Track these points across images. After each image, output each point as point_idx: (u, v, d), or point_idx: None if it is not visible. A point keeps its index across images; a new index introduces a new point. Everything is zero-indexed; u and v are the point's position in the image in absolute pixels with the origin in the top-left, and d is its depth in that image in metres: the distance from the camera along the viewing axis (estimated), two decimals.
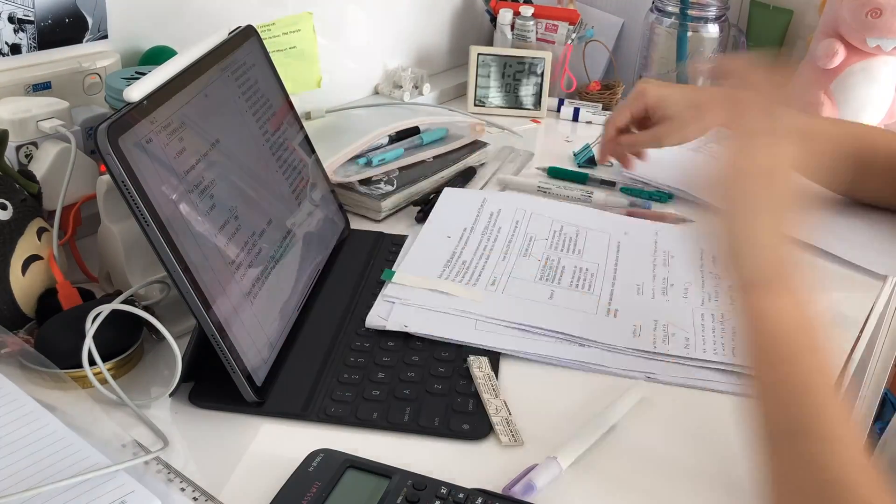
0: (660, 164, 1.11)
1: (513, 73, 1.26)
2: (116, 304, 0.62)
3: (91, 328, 0.60)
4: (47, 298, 0.68)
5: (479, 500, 0.52)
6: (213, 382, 0.63)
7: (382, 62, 1.27)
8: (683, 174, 1.07)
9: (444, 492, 0.53)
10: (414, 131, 1.04)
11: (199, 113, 0.65)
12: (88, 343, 0.60)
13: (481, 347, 0.70)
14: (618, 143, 0.97)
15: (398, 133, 1.02)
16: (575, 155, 1.12)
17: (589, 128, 1.25)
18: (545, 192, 1.01)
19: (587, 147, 1.13)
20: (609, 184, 1.05)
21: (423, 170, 0.99)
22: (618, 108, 0.98)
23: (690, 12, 1.20)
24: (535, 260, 0.83)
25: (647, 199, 1.00)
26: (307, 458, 0.56)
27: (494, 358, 0.69)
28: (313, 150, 0.85)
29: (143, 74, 0.63)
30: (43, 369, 0.62)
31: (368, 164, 0.95)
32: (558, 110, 1.28)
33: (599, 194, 0.99)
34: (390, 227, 0.91)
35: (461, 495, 0.53)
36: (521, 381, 0.68)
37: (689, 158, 1.15)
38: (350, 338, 0.71)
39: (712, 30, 1.21)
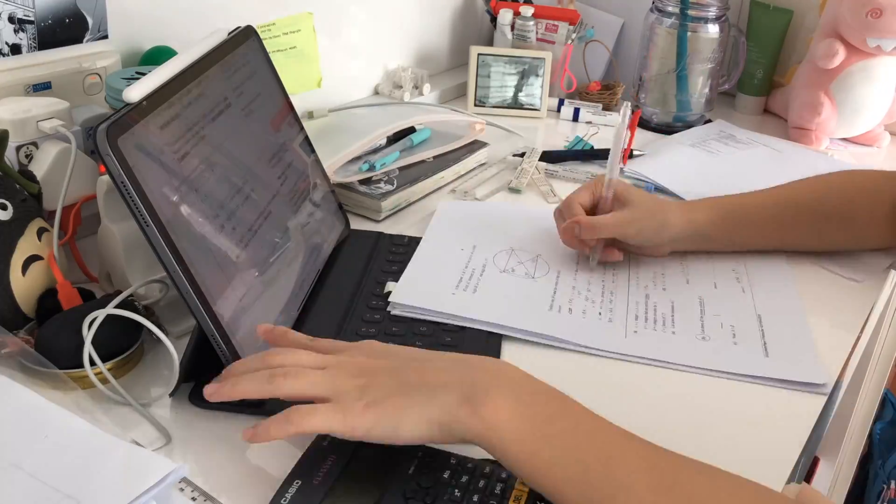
0: (660, 164, 1.11)
1: (513, 73, 1.26)
2: (111, 309, 0.62)
3: (88, 334, 0.61)
4: (47, 299, 0.68)
5: (487, 468, 0.55)
6: None
7: (382, 62, 1.27)
8: (683, 176, 1.07)
9: (454, 462, 0.55)
10: (414, 131, 1.04)
11: (198, 113, 0.65)
12: (88, 349, 0.60)
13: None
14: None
15: (397, 134, 1.02)
16: (566, 148, 1.16)
17: (589, 128, 1.25)
18: (553, 175, 1.07)
19: (578, 139, 1.17)
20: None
21: (422, 169, 1.00)
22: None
23: (690, 12, 1.20)
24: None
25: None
26: (318, 436, 0.56)
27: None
28: (313, 150, 0.84)
29: (143, 74, 0.63)
30: (43, 370, 0.62)
31: (371, 168, 0.95)
32: (558, 110, 1.29)
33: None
34: (390, 227, 0.91)
35: (470, 465, 0.55)
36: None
37: (689, 157, 1.15)
38: (350, 337, 0.71)
39: (712, 30, 1.21)
